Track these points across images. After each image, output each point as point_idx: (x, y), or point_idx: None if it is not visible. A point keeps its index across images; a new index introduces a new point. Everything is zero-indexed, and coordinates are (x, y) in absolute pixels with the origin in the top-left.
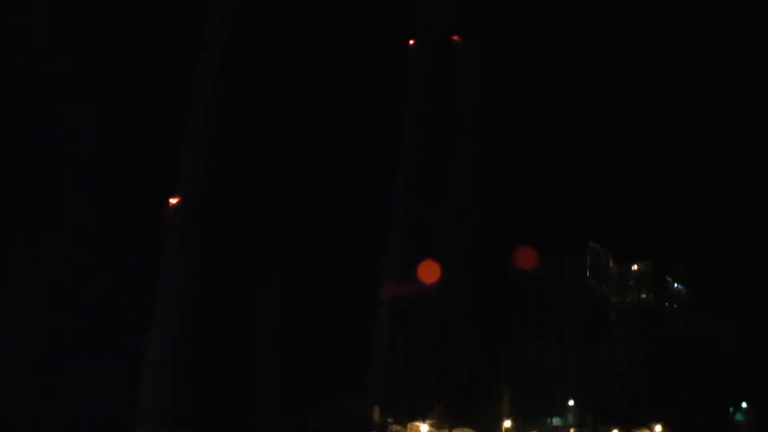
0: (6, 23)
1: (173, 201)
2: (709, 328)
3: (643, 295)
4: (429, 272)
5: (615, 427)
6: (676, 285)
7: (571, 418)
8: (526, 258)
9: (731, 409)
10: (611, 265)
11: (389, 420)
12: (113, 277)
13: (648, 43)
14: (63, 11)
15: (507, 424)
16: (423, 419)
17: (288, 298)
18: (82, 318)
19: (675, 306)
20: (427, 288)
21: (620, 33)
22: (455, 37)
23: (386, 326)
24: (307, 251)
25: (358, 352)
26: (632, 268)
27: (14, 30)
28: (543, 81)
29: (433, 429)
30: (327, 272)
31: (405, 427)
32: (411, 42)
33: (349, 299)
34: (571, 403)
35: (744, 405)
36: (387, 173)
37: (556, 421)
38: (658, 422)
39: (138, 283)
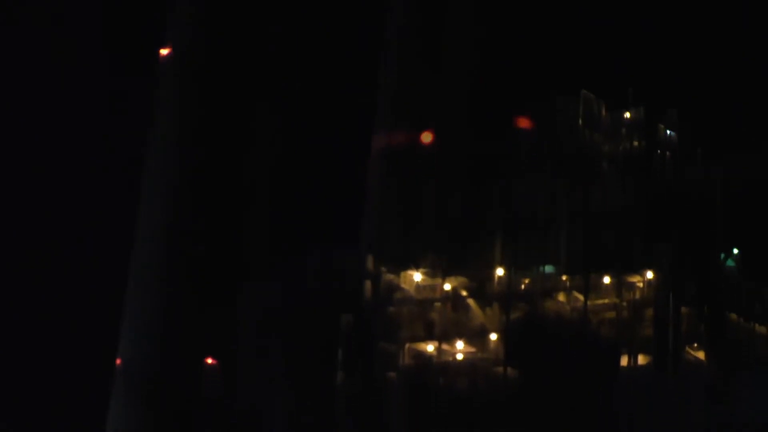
0: None
1: (164, 52)
2: (701, 174)
3: (636, 143)
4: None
5: (606, 273)
6: (668, 132)
7: (563, 266)
8: (518, 109)
9: (722, 255)
10: (603, 113)
11: (382, 269)
12: (101, 140)
13: None
14: None
15: (500, 272)
16: (416, 268)
17: (282, 148)
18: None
19: (667, 153)
20: (421, 139)
21: None
22: None
23: (380, 176)
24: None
25: (351, 202)
26: (624, 115)
27: None
28: None
29: (426, 277)
30: (321, 121)
31: (398, 276)
32: None
33: (342, 148)
34: (563, 251)
35: (735, 251)
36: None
37: (548, 269)
38: (649, 268)
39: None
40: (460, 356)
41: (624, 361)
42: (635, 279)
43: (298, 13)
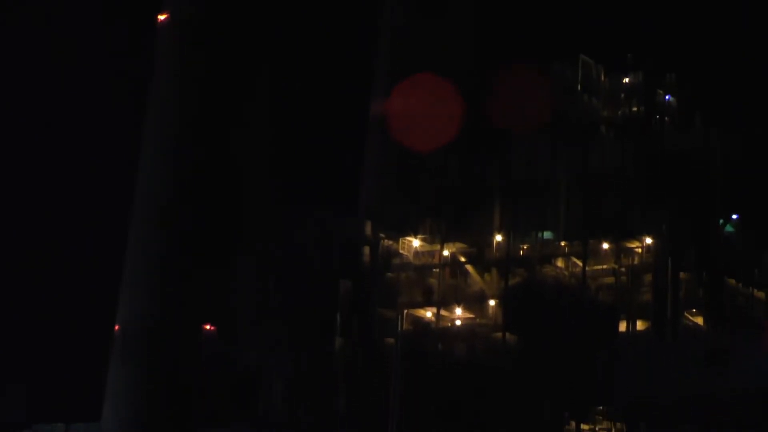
0: None
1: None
2: (699, 139)
3: (634, 108)
4: (422, 86)
5: (605, 240)
6: (667, 97)
7: (562, 232)
8: (518, 73)
9: (721, 221)
10: (602, 78)
11: (381, 235)
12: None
13: None
14: None
15: (498, 238)
16: (414, 234)
17: (281, 115)
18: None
19: (666, 118)
20: (420, 104)
21: None
22: None
23: (378, 141)
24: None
25: (349, 168)
26: (623, 80)
27: None
28: None
29: (424, 243)
30: (320, 89)
31: (397, 242)
32: None
33: (339, 113)
34: (561, 217)
35: (734, 216)
36: None
37: (547, 235)
38: (648, 234)
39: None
40: (458, 322)
41: (622, 326)
42: (634, 245)
43: None
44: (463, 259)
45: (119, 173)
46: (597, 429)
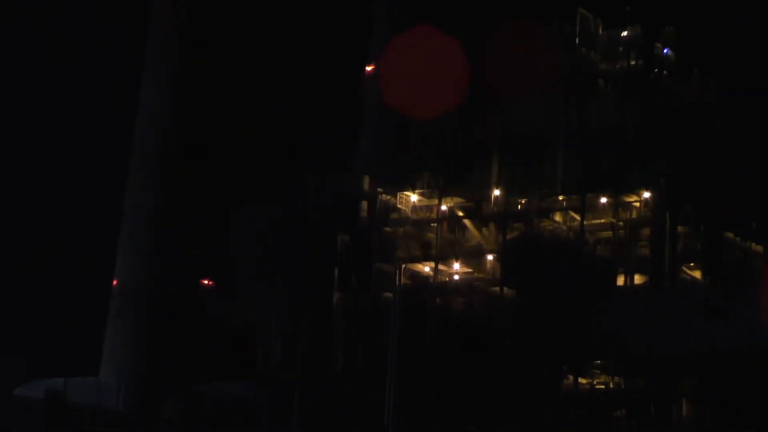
0: None
1: None
2: (698, 92)
3: (633, 61)
4: (421, 38)
5: (603, 194)
6: (665, 51)
7: (559, 187)
8: (515, 28)
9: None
10: (600, 31)
11: (379, 190)
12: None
13: None
14: None
15: (496, 192)
16: (412, 189)
17: (278, 70)
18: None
19: (664, 72)
20: (418, 56)
21: None
22: None
23: (376, 94)
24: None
25: (347, 120)
26: (622, 34)
27: None
28: None
29: (422, 198)
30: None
31: (395, 197)
32: None
33: (336, 64)
34: (559, 170)
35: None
36: None
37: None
38: (646, 188)
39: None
40: (456, 277)
41: (620, 280)
42: (632, 199)
43: None
44: (461, 214)
45: (117, 127)
46: (595, 383)
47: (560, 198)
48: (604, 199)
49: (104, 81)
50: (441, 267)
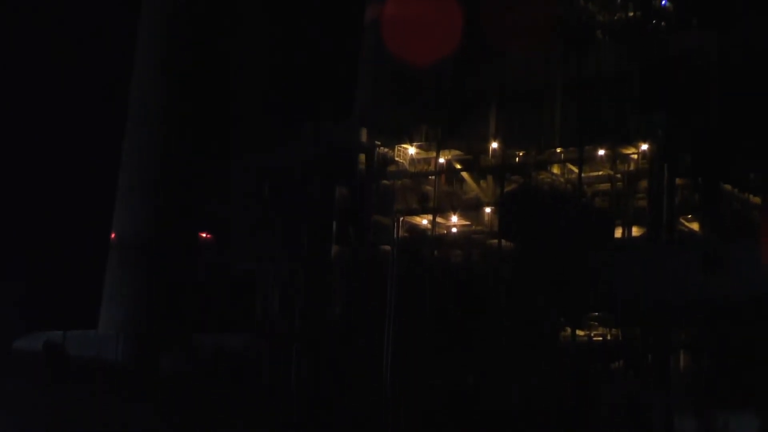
0: None
1: None
2: (696, 43)
3: (631, 13)
4: None
5: (602, 146)
6: (663, 2)
7: (557, 139)
8: None
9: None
10: None
11: (377, 142)
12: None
13: None
14: None
15: (494, 145)
16: (410, 141)
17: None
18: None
19: (662, 22)
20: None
21: None
22: None
23: (373, 46)
24: None
25: (344, 74)
26: None
27: None
28: None
29: (420, 150)
30: None
31: (392, 149)
32: None
33: (335, 19)
34: (557, 122)
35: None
36: None
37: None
38: (644, 140)
39: None
40: (454, 229)
41: (618, 232)
42: (630, 151)
43: None
44: (458, 166)
45: (115, 78)
46: (592, 335)
47: (558, 150)
48: (602, 152)
49: (101, 29)
50: (439, 220)
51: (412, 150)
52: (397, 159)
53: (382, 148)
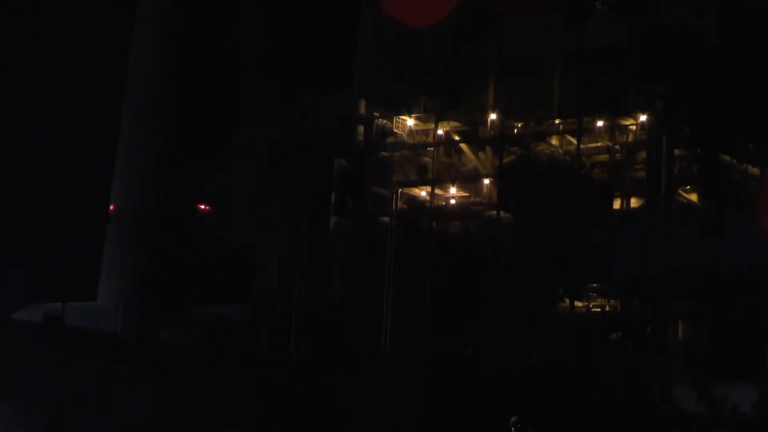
0: None
1: None
2: (695, 13)
3: None
4: None
5: (600, 118)
6: None
7: (556, 111)
8: None
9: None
10: None
11: (375, 114)
12: None
13: None
14: None
15: (492, 116)
16: (409, 113)
17: None
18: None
19: None
20: None
21: None
22: None
23: (372, 16)
24: None
25: (343, 46)
26: None
27: None
28: None
29: (419, 122)
30: None
31: (391, 120)
32: None
33: None
34: (556, 93)
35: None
36: None
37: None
38: (643, 111)
39: None
40: (453, 201)
41: (617, 203)
42: (629, 122)
43: None
44: (457, 138)
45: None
46: (591, 306)
47: (557, 122)
48: (600, 123)
49: (100, 4)
50: (437, 191)
51: (410, 122)
52: (395, 131)
53: (380, 119)
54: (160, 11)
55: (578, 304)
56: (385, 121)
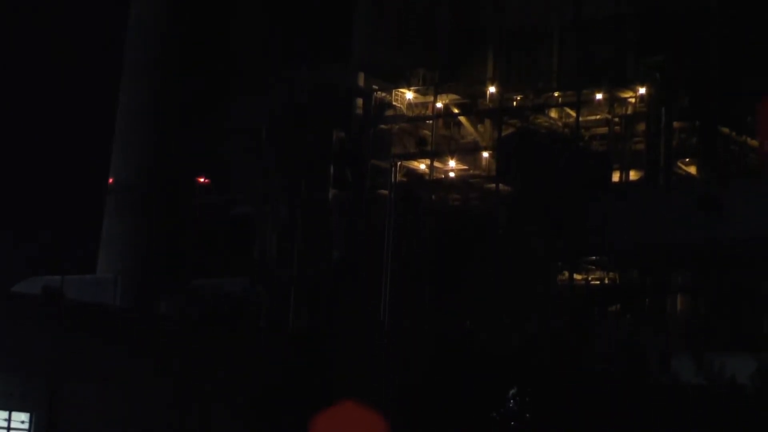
0: None
1: None
2: None
3: None
4: None
5: (599, 89)
6: None
7: (555, 83)
8: None
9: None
10: None
11: (374, 87)
12: None
13: None
14: None
15: (491, 89)
16: (408, 85)
17: None
18: None
19: None
20: None
21: None
22: None
23: None
24: None
25: (341, 17)
26: None
27: None
28: None
29: (417, 95)
30: None
31: (390, 93)
32: None
33: None
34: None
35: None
36: None
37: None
38: (642, 83)
39: None
40: (452, 173)
41: (616, 176)
42: (628, 94)
43: None
44: (456, 111)
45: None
46: (590, 278)
47: (556, 94)
48: (599, 95)
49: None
50: (436, 164)
51: (409, 95)
52: (394, 103)
53: (379, 92)
54: None
55: (577, 276)
56: (384, 94)
